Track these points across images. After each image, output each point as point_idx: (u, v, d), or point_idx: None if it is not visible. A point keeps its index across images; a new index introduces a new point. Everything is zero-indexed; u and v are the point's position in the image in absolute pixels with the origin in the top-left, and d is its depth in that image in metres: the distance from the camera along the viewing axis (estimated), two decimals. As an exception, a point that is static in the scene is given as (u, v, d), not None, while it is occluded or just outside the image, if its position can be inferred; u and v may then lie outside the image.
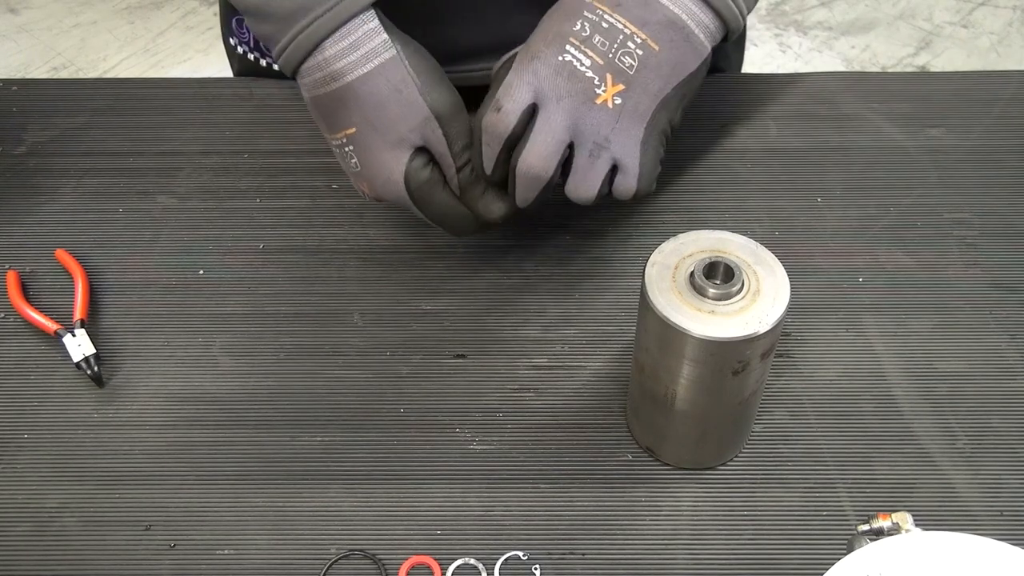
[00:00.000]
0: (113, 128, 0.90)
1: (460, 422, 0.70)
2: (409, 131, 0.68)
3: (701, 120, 0.89)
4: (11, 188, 0.86)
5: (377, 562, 0.63)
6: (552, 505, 0.65)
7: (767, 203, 0.83)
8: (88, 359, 0.71)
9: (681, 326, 0.57)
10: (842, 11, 2.63)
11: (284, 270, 0.79)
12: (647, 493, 0.66)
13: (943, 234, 0.80)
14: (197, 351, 0.74)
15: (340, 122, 0.69)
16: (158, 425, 0.70)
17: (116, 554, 0.64)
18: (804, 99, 0.92)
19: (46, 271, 0.79)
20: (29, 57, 2.49)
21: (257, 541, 0.64)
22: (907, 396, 0.70)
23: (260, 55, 0.95)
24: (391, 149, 0.68)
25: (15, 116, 0.92)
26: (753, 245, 0.60)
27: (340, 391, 0.71)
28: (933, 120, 0.89)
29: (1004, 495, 0.65)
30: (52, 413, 0.71)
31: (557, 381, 0.72)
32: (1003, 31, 2.56)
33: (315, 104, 0.70)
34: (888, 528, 0.56)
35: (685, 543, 0.63)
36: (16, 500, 0.66)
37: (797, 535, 0.64)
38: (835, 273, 0.78)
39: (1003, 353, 0.73)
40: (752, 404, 0.64)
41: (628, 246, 0.80)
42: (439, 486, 0.66)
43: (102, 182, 0.86)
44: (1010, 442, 0.68)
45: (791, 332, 0.74)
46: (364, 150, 0.69)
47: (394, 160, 0.69)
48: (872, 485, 0.66)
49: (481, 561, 0.63)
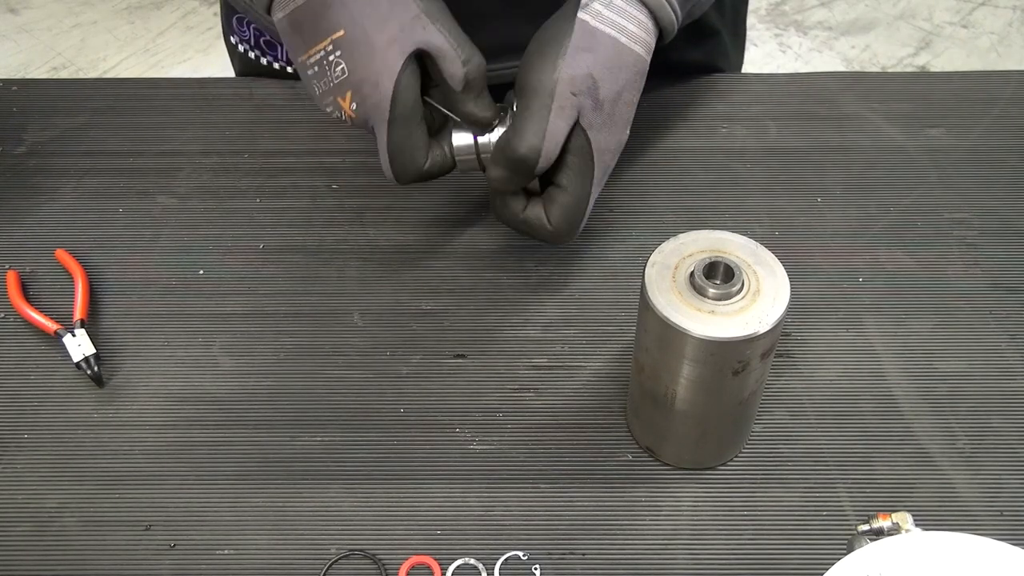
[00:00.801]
0: (113, 128, 0.90)
1: (460, 422, 0.70)
2: (401, 30, 0.65)
3: (701, 120, 0.89)
4: (11, 188, 0.86)
5: (377, 562, 0.63)
6: (552, 505, 0.65)
7: (767, 203, 0.83)
8: (88, 359, 0.71)
9: (681, 326, 0.57)
10: (842, 11, 2.63)
11: (284, 270, 0.79)
12: (647, 493, 0.66)
13: (943, 234, 0.80)
14: (197, 351, 0.74)
15: (324, 28, 0.66)
16: (158, 425, 0.70)
17: (116, 554, 0.64)
18: (804, 99, 0.92)
19: (46, 271, 0.79)
20: (29, 57, 2.49)
21: (257, 541, 0.64)
22: (907, 396, 0.70)
23: (261, 53, 0.95)
24: (384, 50, 0.66)
25: (15, 116, 0.92)
26: (753, 245, 0.60)
27: (340, 391, 0.71)
28: (933, 120, 0.89)
29: (1004, 495, 0.65)
30: (52, 413, 0.71)
31: (557, 381, 0.72)
32: (1003, 31, 2.56)
33: (292, 20, 0.67)
34: (888, 528, 0.56)
35: (685, 543, 0.63)
36: (16, 500, 0.66)
37: (797, 535, 0.64)
38: (835, 273, 0.78)
39: (1003, 353, 0.73)
40: (752, 404, 0.64)
41: (628, 246, 0.80)
42: (439, 486, 0.66)
43: (102, 182, 0.86)
44: (1010, 442, 0.68)
45: (791, 332, 0.74)
46: (353, 52, 0.66)
47: (385, 64, 0.66)
48: (872, 485, 0.66)
49: (481, 561, 0.63)
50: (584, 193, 0.70)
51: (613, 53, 0.68)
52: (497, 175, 0.69)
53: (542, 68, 0.67)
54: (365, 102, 0.67)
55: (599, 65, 0.67)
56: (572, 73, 0.66)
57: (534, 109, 0.67)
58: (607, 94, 0.68)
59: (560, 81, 0.66)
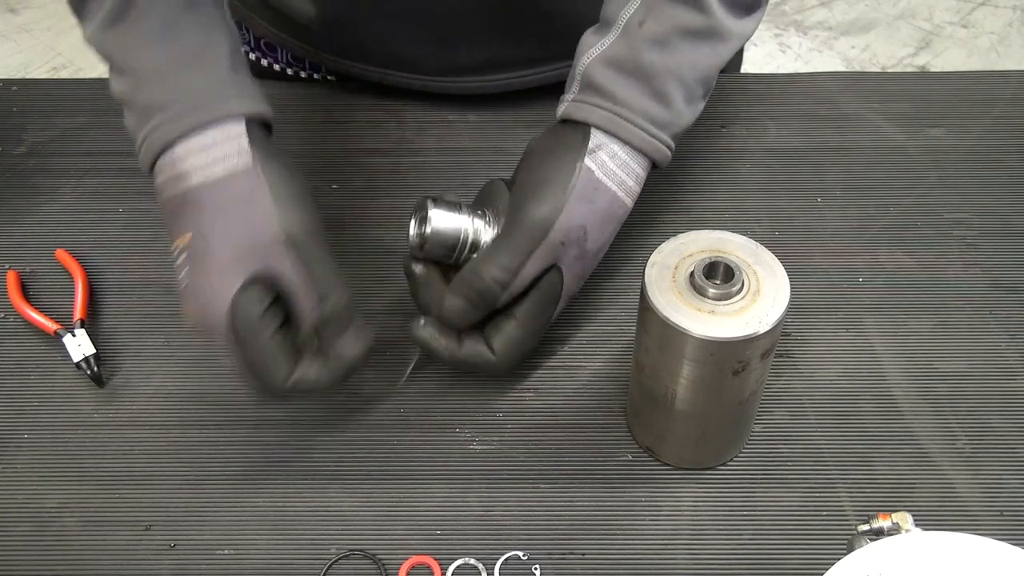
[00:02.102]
0: (113, 128, 0.90)
1: (460, 422, 0.70)
2: (248, 252, 0.60)
3: (701, 120, 0.89)
4: (11, 188, 0.86)
5: (377, 562, 0.63)
6: (552, 505, 0.65)
7: (767, 203, 0.83)
8: (88, 359, 0.71)
9: (681, 326, 0.57)
10: (842, 11, 2.63)
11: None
12: (647, 493, 0.66)
13: (943, 234, 0.80)
14: (197, 351, 0.74)
15: (178, 228, 0.62)
16: (158, 425, 0.70)
17: (116, 554, 0.64)
18: (804, 99, 0.92)
19: (46, 271, 0.79)
20: (29, 57, 2.49)
21: (257, 541, 0.64)
22: (907, 396, 0.70)
23: (260, 55, 0.95)
24: (222, 269, 0.60)
25: (15, 116, 0.92)
26: (753, 245, 0.60)
27: (340, 391, 0.71)
28: (933, 120, 0.89)
29: (1004, 495, 0.65)
30: (52, 413, 0.71)
31: (557, 381, 0.72)
32: (1003, 31, 2.56)
33: (163, 210, 0.63)
34: (888, 528, 0.56)
35: (685, 543, 0.63)
36: (16, 500, 0.66)
37: (797, 535, 0.64)
38: (835, 273, 0.78)
39: (1003, 353, 0.73)
40: (752, 404, 0.64)
41: (628, 246, 0.79)
42: (439, 486, 0.66)
43: (102, 182, 0.86)
44: (1010, 442, 0.68)
45: (791, 332, 0.74)
46: (194, 263, 0.61)
47: (222, 284, 0.59)
48: (872, 485, 0.66)
49: (481, 561, 0.63)
50: (538, 330, 0.67)
51: (607, 207, 0.67)
52: (454, 306, 0.65)
53: (537, 209, 0.64)
54: (201, 320, 0.61)
55: (593, 217, 0.66)
56: (569, 224, 0.65)
57: (514, 246, 0.64)
58: (593, 246, 0.67)
59: (555, 229, 0.64)
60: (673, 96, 0.68)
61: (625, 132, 0.67)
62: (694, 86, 0.69)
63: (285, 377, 0.62)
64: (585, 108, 0.67)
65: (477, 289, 0.64)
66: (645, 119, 0.67)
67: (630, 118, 0.67)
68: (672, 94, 0.67)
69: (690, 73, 0.68)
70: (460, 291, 0.65)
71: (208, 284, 0.60)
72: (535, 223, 0.64)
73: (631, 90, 0.67)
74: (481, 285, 0.64)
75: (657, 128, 0.67)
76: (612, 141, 0.67)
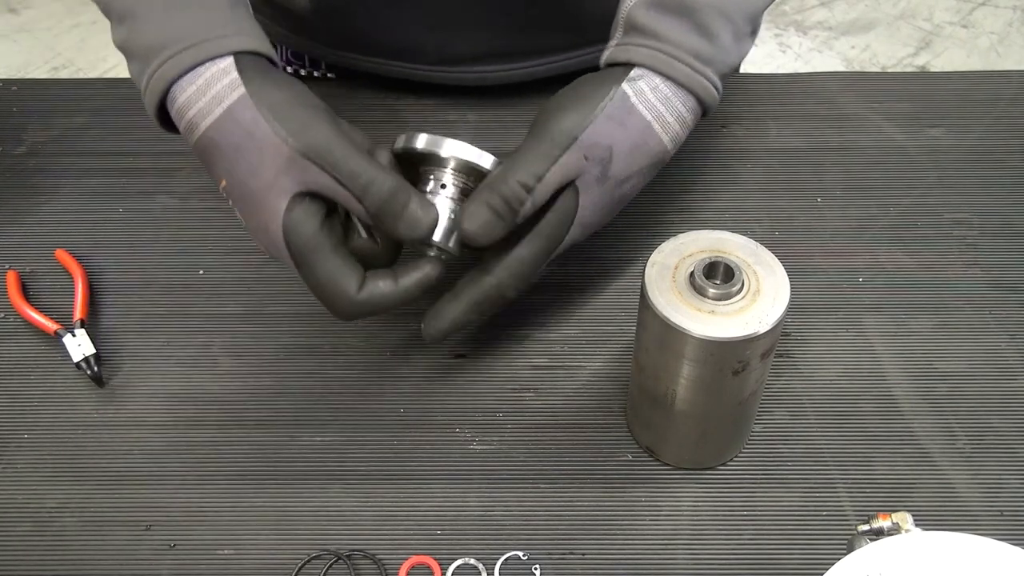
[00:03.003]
0: (113, 128, 0.90)
1: (460, 422, 0.70)
2: (276, 175, 0.60)
3: (701, 120, 0.89)
4: (11, 188, 0.86)
5: (377, 562, 0.63)
6: (552, 505, 0.65)
7: (767, 203, 0.83)
8: (88, 359, 0.71)
9: (681, 326, 0.57)
10: (842, 11, 2.63)
11: (284, 270, 0.78)
12: (647, 493, 0.66)
13: (943, 234, 0.80)
14: (197, 351, 0.74)
15: (215, 175, 0.63)
16: (158, 425, 0.70)
17: (116, 554, 0.64)
18: (804, 99, 0.92)
19: (46, 271, 0.79)
20: (29, 57, 2.49)
21: (257, 541, 0.64)
22: (907, 396, 0.70)
23: (261, 54, 0.95)
24: (263, 197, 0.61)
25: (15, 116, 0.92)
26: (753, 245, 0.60)
27: (340, 391, 0.71)
28: (933, 120, 0.89)
29: (1004, 495, 0.65)
30: (52, 413, 0.71)
31: (557, 381, 0.72)
32: (1003, 31, 2.56)
33: (196, 156, 0.64)
34: (888, 528, 0.56)
35: (685, 543, 0.63)
36: (16, 500, 0.66)
37: (797, 535, 0.64)
38: (835, 273, 0.78)
39: (1003, 353, 0.73)
40: (752, 404, 0.64)
41: (628, 246, 0.80)
42: (439, 486, 0.66)
43: (102, 182, 0.86)
44: (1010, 442, 0.68)
45: (791, 332, 0.74)
46: (239, 204, 0.63)
47: (268, 211, 0.61)
48: (872, 485, 0.66)
49: (481, 561, 0.63)
50: (540, 252, 0.65)
51: (639, 136, 0.65)
52: (476, 215, 0.62)
53: (565, 118, 0.63)
54: (271, 252, 0.63)
55: (622, 141, 0.64)
56: (594, 138, 0.63)
57: (540, 152, 0.63)
58: (617, 172, 0.65)
59: (579, 140, 0.63)
60: (719, 32, 0.66)
61: (667, 67, 0.65)
62: (741, 23, 0.68)
63: (356, 288, 0.62)
64: (630, 49, 0.66)
65: (502, 194, 0.61)
66: (689, 53, 0.66)
67: (673, 53, 0.65)
68: (718, 29, 0.66)
69: (736, 9, 0.67)
70: (483, 198, 0.62)
71: (259, 220, 0.62)
72: (561, 131, 0.63)
73: (674, 26, 0.66)
74: (507, 190, 0.61)
75: (702, 63, 0.66)
76: (654, 75, 0.66)
